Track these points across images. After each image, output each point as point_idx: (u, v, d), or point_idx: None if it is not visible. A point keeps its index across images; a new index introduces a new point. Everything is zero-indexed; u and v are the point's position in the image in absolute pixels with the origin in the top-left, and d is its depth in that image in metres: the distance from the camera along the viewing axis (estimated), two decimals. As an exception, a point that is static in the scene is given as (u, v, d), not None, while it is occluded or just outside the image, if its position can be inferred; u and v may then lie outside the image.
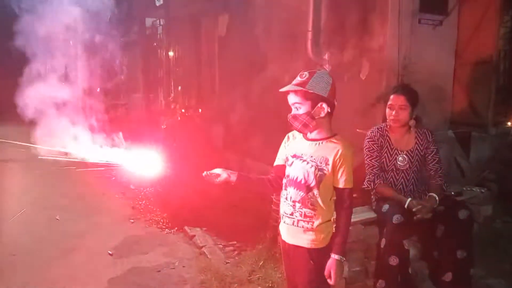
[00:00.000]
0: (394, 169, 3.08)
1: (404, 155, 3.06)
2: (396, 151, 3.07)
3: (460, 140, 4.33)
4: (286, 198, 2.10)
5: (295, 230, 2.06)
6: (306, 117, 2.00)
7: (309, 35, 4.49)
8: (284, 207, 2.11)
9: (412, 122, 3.06)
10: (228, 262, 3.78)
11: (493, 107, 4.31)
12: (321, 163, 1.99)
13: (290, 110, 2.13)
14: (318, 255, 2.02)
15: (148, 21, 9.06)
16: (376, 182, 3.05)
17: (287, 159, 2.14)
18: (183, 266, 3.82)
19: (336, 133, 2.07)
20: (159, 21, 8.76)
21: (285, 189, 2.12)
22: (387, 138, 3.11)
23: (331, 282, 2.01)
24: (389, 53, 3.90)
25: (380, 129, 3.14)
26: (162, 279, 3.60)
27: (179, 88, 5.41)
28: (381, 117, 3.84)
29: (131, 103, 9.38)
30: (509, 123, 4.75)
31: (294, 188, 2.05)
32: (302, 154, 2.06)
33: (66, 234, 4.57)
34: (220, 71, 6.73)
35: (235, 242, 4.20)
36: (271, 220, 3.88)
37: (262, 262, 3.54)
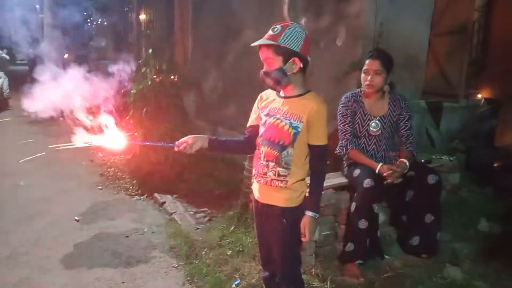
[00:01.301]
0: (367, 135, 3.07)
1: (377, 121, 3.04)
2: (369, 116, 3.05)
3: (431, 110, 4.36)
4: (260, 158, 2.04)
5: (269, 189, 2.02)
6: (278, 73, 1.92)
7: (286, -1, 4.38)
8: (258, 167, 2.06)
9: (386, 88, 3.04)
10: (199, 228, 3.74)
11: (465, 79, 4.34)
12: (295, 120, 1.93)
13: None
14: (291, 214, 1.98)
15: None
16: (348, 147, 3.04)
17: (260, 118, 2.07)
18: (152, 232, 3.76)
19: (310, 90, 2.01)
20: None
21: (259, 149, 2.06)
22: (361, 103, 3.08)
23: (304, 238, 1.99)
24: (365, 19, 3.82)
25: (354, 94, 3.11)
26: (130, 244, 3.54)
27: (150, 51, 5.21)
28: (355, 84, 3.80)
29: (100, 69, 9.04)
30: (479, 96, 4.82)
31: (268, 147, 1.99)
32: (275, 112, 2.00)
33: (31, 200, 4.43)
34: (193, 37, 6.53)
35: (206, 209, 4.17)
36: (243, 186, 3.84)
37: (233, 227, 3.51)
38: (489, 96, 4.78)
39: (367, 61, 3.02)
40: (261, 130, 2.05)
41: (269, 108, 2.03)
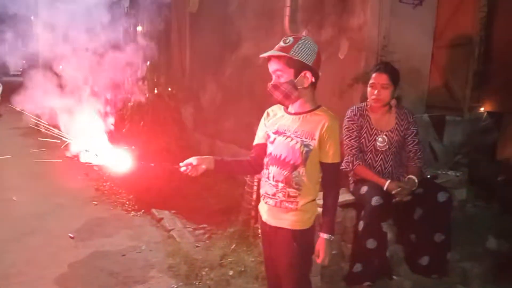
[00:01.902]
0: (373, 150, 2.98)
1: (384, 136, 2.96)
2: (376, 131, 2.97)
3: (434, 123, 4.29)
4: (268, 178, 1.93)
5: (278, 211, 1.90)
6: (288, 87, 1.83)
7: (287, 11, 4.31)
8: (266, 187, 1.94)
9: (393, 102, 2.97)
10: (198, 246, 3.62)
11: (470, 91, 4.28)
12: (306, 138, 1.83)
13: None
14: (302, 237, 1.88)
15: (115, -5, 8.59)
16: (355, 163, 2.95)
17: (268, 136, 1.96)
18: (150, 250, 3.63)
19: (320, 105, 1.92)
20: (126, -5, 8.34)
21: (267, 168, 1.95)
22: (367, 118, 3.00)
23: (319, 261, 1.89)
24: (368, 32, 3.77)
25: (360, 108, 3.03)
26: (127, 263, 3.41)
27: (148, 63, 5.13)
28: (358, 98, 3.74)
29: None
30: (481, 109, 4.76)
31: (277, 167, 1.89)
32: (285, 129, 1.90)
33: (24, 216, 4.29)
34: (191, 49, 6.46)
35: (205, 225, 4.04)
36: (244, 202, 3.74)
37: (234, 245, 3.40)
38: (491, 109, 4.72)
39: (373, 75, 2.94)
40: (270, 148, 1.94)
41: (278, 125, 1.93)
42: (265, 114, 2.04)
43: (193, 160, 1.92)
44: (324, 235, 1.87)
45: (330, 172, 1.88)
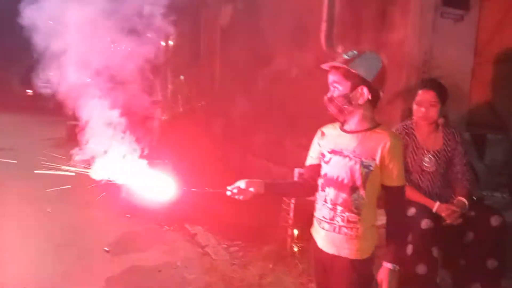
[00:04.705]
0: (420, 170, 2.88)
1: (431, 156, 2.85)
2: (422, 151, 2.87)
3: (475, 142, 4.15)
4: (325, 201, 1.83)
5: (336, 238, 1.80)
6: (342, 100, 1.77)
7: (323, 26, 4.27)
8: (323, 211, 1.85)
9: (441, 120, 2.86)
10: (235, 264, 3.55)
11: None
12: (366, 158, 1.74)
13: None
14: (362, 267, 1.79)
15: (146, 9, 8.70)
16: (400, 183, 2.85)
17: (323, 155, 1.87)
18: (186, 267, 3.59)
19: (380, 123, 1.83)
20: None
21: (323, 190, 1.86)
22: (413, 136, 2.90)
23: None
24: (409, 47, 3.70)
25: (405, 126, 2.93)
26: (164, 279, 3.37)
27: (182, 77, 5.15)
28: (399, 115, 3.66)
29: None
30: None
31: (334, 189, 1.80)
32: (342, 149, 1.81)
33: (58, 228, 4.30)
34: (221, 63, 6.47)
35: (239, 242, 3.97)
36: (281, 220, 3.67)
37: (271, 265, 3.32)
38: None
39: (420, 92, 2.85)
40: (325, 169, 1.86)
41: (334, 144, 1.84)
42: (318, 133, 1.96)
43: (241, 183, 1.86)
44: (388, 265, 1.78)
45: (395, 196, 1.79)
